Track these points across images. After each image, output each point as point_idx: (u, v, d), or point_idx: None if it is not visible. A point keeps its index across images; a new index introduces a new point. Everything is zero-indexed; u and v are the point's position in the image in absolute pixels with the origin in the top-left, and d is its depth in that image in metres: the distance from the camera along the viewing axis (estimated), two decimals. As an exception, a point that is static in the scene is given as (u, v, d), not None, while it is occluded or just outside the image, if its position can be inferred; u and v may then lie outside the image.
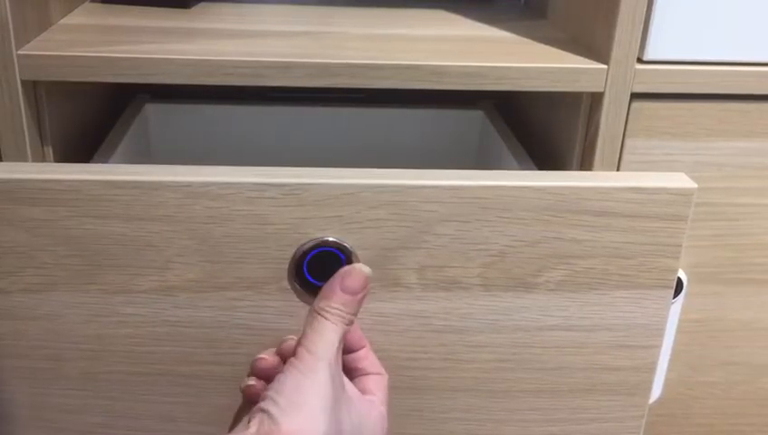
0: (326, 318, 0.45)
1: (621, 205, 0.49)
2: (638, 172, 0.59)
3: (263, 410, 0.41)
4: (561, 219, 0.49)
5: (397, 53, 0.58)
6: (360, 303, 0.46)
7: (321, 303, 0.45)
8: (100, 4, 0.73)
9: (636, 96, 0.58)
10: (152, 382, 0.51)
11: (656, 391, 0.70)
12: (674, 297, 0.57)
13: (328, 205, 0.47)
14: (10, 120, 0.54)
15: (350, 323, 0.46)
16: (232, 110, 0.81)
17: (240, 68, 0.54)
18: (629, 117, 0.59)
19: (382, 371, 0.50)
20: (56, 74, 0.54)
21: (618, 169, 0.60)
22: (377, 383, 0.49)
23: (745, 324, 0.69)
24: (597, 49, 0.59)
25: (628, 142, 0.60)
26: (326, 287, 0.46)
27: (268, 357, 0.47)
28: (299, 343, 0.44)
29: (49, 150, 0.58)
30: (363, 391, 0.48)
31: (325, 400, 0.42)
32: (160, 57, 0.54)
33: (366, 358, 0.50)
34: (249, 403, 0.47)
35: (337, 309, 0.45)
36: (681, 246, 0.50)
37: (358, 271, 0.47)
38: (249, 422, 0.41)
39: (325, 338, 0.44)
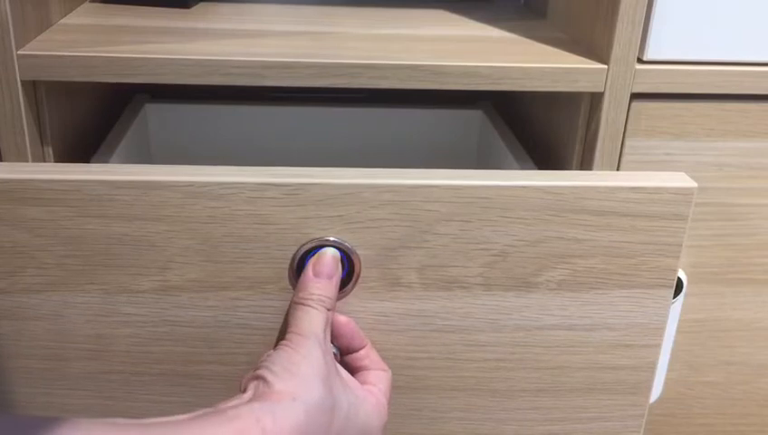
0: (307, 305, 0.46)
1: (621, 204, 0.49)
2: (638, 172, 0.59)
3: (257, 377, 0.42)
4: (562, 219, 0.49)
5: (397, 53, 0.58)
6: (335, 286, 0.47)
7: (299, 294, 0.47)
8: (100, 4, 0.73)
9: (636, 96, 0.58)
10: (153, 382, 0.51)
11: (656, 391, 0.70)
12: (674, 297, 0.57)
13: (328, 205, 0.47)
14: (10, 120, 0.54)
15: (331, 307, 0.47)
16: (232, 110, 0.81)
17: (240, 68, 0.54)
18: (629, 117, 0.59)
19: (385, 367, 0.50)
20: (56, 74, 0.54)
21: (618, 169, 0.61)
22: (378, 377, 0.49)
23: (745, 324, 0.69)
24: (597, 49, 0.59)
25: (628, 142, 0.60)
26: (300, 279, 0.47)
27: None
28: (287, 331, 0.45)
29: (49, 150, 0.58)
30: (363, 383, 0.48)
31: (318, 370, 0.43)
32: (160, 57, 0.54)
33: (367, 356, 0.50)
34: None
35: (314, 295, 0.46)
36: (681, 245, 0.50)
37: (325, 255, 0.47)
38: (244, 391, 0.41)
39: (311, 323, 0.45)
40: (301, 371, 0.42)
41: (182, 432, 0.37)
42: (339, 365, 0.47)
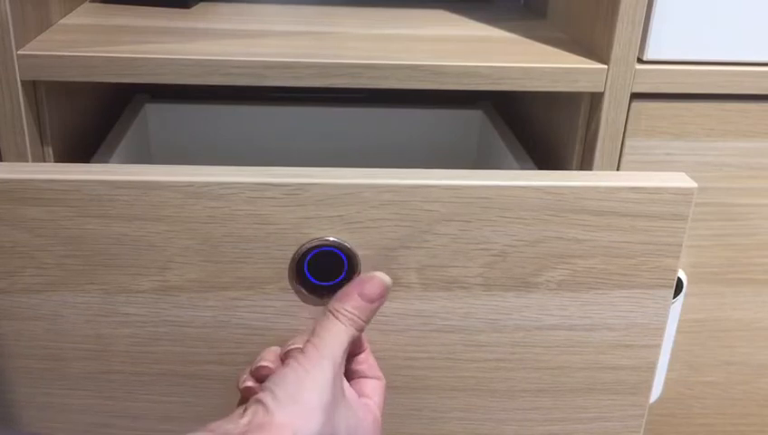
0: (338, 319, 0.45)
1: (621, 205, 0.49)
2: (638, 172, 0.59)
3: (259, 401, 0.41)
4: (562, 219, 0.49)
5: (397, 53, 0.58)
6: (374, 311, 0.47)
7: (336, 304, 0.46)
8: (100, 5, 0.73)
9: (636, 96, 0.58)
10: (152, 382, 0.51)
11: (656, 391, 0.70)
12: (674, 297, 0.57)
13: (328, 205, 0.47)
14: (10, 120, 0.54)
15: (361, 329, 0.46)
16: (232, 110, 0.81)
17: (240, 68, 0.54)
18: (629, 117, 0.59)
19: (380, 375, 0.50)
20: (56, 74, 0.54)
21: (618, 169, 0.61)
22: (374, 388, 0.49)
23: (745, 324, 0.69)
24: (597, 49, 0.59)
25: (628, 142, 0.60)
26: (344, 289, 0.46)
27: (271, 365, 0.47)
28: (308, 339, 0.44)
29: (49, 150, 0.58)
30: (360, 394, 0.48)
31: (324, 399, 0.42)
32: (160, 57, 0.54)
33: (365, 361, 0.50)
34: (247, 402, 0.47)
35: (351, 313, 0.45)
36: (681, 245, 0.50)
37: (378, 279, 0.47)
38: (244, 411, 0.41)
39: (334, 338, 0.44)
40: (304, 398, 0.41)
41: None
42: (344, 380, 0.46)
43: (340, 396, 0.44)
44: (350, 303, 0.45)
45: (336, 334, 0.44)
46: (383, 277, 0.47)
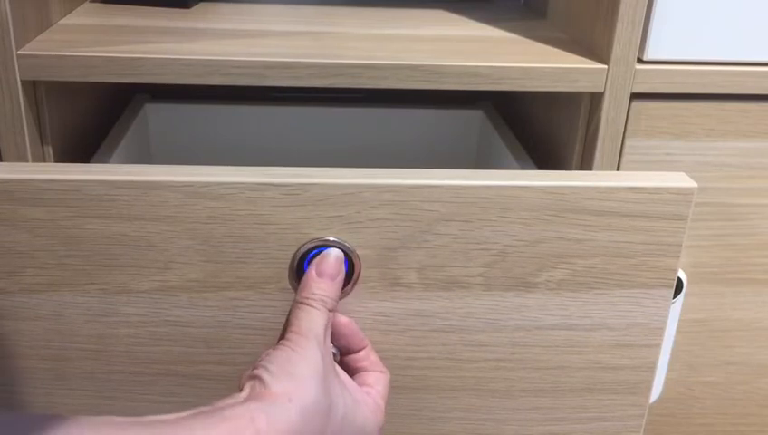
0: (309, 305, 0.46)
1: (622, 204, 0.49)
2: (638, 172, 0.59)
3: (255, 377, 0.42)
4: (562, 219, 0.49)
5: (397, 53, 0.58)
6: (338, 287, 0.47)
7: (301, 293, 0.47)
8: (100, 5, 0.73)
9: (636, 96, 0.58)
10: (153, 382, 0.51)
11: (656, 391, 0.70)
12: (674, 297, 0.57)
13: (328, 205, 0.47)
14: (10, 120, 0.54)
15: (332, 308, 0.47)
16: (232, 110, 0.81)
17: (240, 68, 0.54)
18: (629, 117, 0.59)
19: (384, 369, 0.50)
20: (56, 74, 0.54)
21: (618, 169, 0.61)
22: (377, 379, 0.49)
23: (745, 324, 0.69)
24: (597, 49, 0.59)
25: (628, 142, 0.60)
26: (303, 279, 0.48)
27: None
28: (287, 330, 0.45)
29: (49, 150, 0.58)
30: (361, 385, 0.48)
31: (316, 371, 0.43)
32: (160, 57, 0.54)
33: (367, 358, 0.50)
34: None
35: (317, 295, 0.46)
36: (681, 245, 0.50)
37: (330, 256, 0.48)
38: (241, 389, 0.41)
39: (311, 322, 0.45)
40: (298, 371, 0.42)
41: (178, 430, 0.37)
42: (337, 366, 0.47)
43: (332, 374, 0.45)
44: (312, 286, 0.47)
45: (312, 319, 0.45)
46: (334, 252, 0.48)
